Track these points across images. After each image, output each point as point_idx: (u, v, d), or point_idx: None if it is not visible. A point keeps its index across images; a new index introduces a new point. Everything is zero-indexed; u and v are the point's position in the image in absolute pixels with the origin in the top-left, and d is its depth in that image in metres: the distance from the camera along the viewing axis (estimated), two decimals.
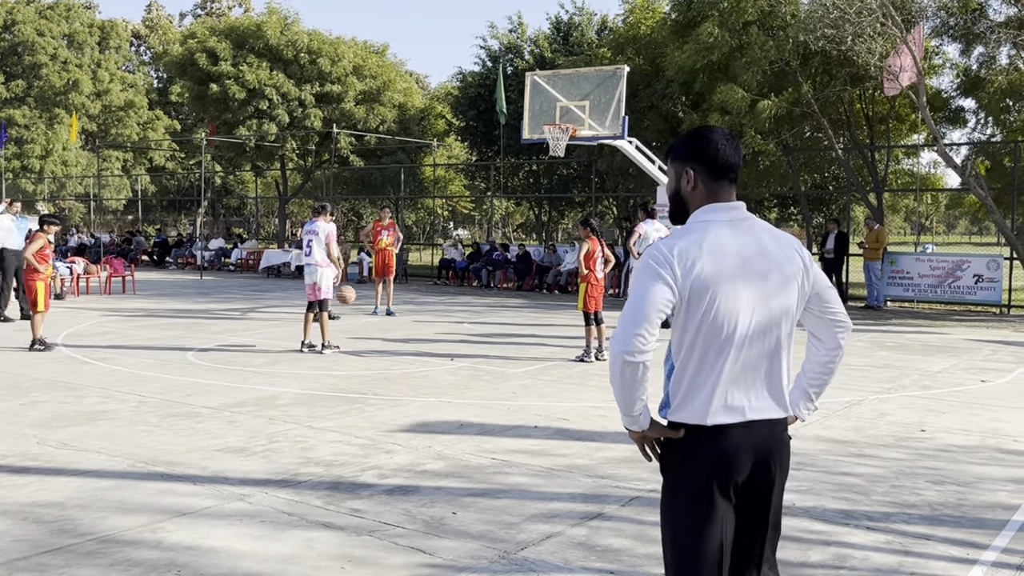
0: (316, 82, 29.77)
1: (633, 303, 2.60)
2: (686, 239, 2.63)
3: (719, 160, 2.70)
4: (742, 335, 2.61)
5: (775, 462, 2.68)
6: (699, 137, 2.75)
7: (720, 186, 2.72)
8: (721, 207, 2.70)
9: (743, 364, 2.63)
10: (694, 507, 2.62)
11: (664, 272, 2.58)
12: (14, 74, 43.60)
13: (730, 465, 2.61)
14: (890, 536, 4.84)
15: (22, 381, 9.04)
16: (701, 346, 2.61)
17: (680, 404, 2.66)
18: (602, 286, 10.88)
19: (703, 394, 2.62)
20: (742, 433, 2.62)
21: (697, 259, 2.58)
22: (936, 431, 7.31)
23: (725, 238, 2.64)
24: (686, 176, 2.74)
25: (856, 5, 16.04)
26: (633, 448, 6.61)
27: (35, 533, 4.73)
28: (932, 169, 24.08)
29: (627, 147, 16.61)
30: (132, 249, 31.85)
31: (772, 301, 2.65)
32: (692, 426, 2.63)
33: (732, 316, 2.59)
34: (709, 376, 2.62)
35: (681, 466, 2.66)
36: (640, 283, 2.61)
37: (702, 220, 2.69)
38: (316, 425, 7.27)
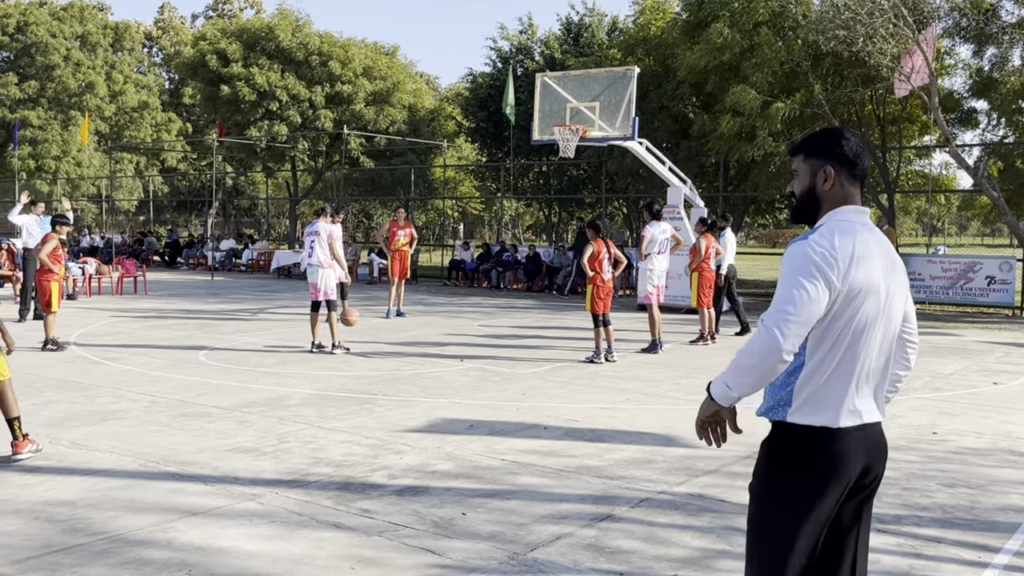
0: (326, 83, 29.86)
1: (799, 301, 2.52)
2: (842, 239, 2.59)
3: (859, 162, 2.71)
4: (874, 340, 2.63)
5: (882, 463, 2.71)
6: (839, 136, 2.74)
7: (856, 188, 2.73)
8: (857, 209, 2.70)
9: (871, 369, 2.65)
10: (802, 510, 2.59)
11: (828, 271, 2.55)
12: (28, 75, 43.86)
13: (848, 468, 2.61)
14: (901, 539, 4.82)
15: (35, 381, 9.09)
16: (841, 348, 2.60)
17: (807, 405, 2.61)
18: (610, 288, 10.87)
19: (834, 397, 2.60)
20: (859, 436, 2.63)
21: (853, 260, 2.57)
22: (948, 433, 7.28)
23: (870, 241, 2.64)
24: (823, 174, 2.71)
25: (868, 6, 15.98)
26: (644, 449, 6.60)
27: (47, 532, 4.76)
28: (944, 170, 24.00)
29: (637, 148, 16.60)
30: (144, 250, 31.99)
31: (895, 308, 2.69)
32: (817, 428, 2.60)
33: (871, 321, 2.61)
34: (842, 379, 2.60)
35: (798, 468, 2.62)
36: (802, 282, 2.54)
37: (847, 220, 2.66)
38: (326, 425, 7.28)
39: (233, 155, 33.96)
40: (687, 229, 17.07)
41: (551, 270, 22.81)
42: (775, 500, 2.66)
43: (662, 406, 8.31)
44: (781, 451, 2.67)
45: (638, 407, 8.24)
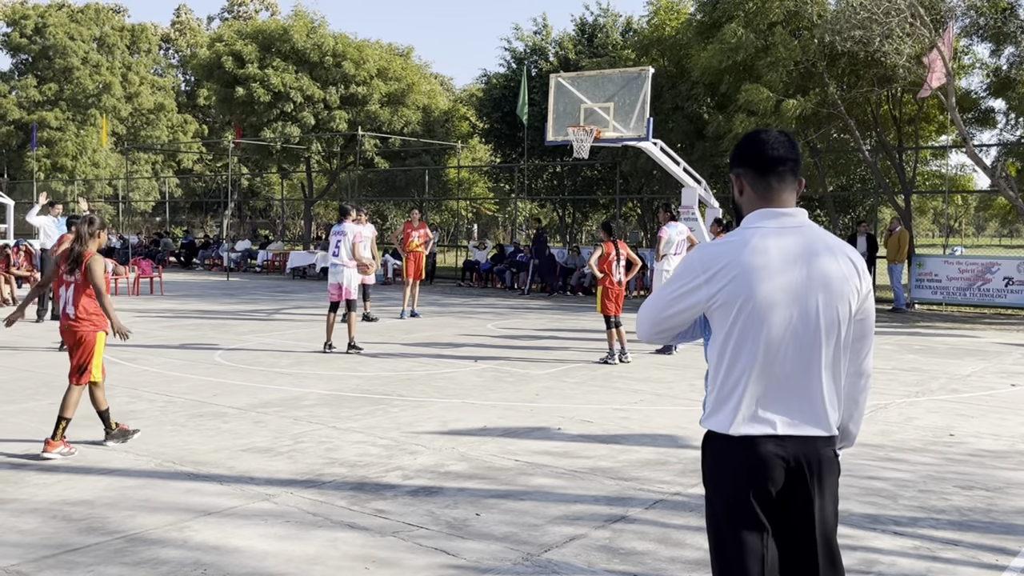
0: (341, 84, 29.95)
1: (656, 301, 2.69)
2: (725, 247, 2.58)
3: (764, 161, 2.61)
4: (777, 348, 2.52)
5: (812, 477, 2.54)
6: (744, 141, 2.68)
7: (768, 186, 2.61)
8: (770, 212, 2.60)
9: (780, 377, 2.54)
10: (730, 516, 2.58)
11: (694, 280, 2.57)
12: (46, 77, 44.24)
13: (759, 476, 2.52)
14: (917, 541, 4.79)
15: (52, 381, 9.16)
16: (736, 355, 2.56)
17: (713, 411, 2.63)
18: (620, 289, 10.84)
19: (733, 404, 2.56)
20: (772, 445, 2.53)
21: (730, 269, 2.51)
22: (965, 436, 7.22)
23: (771, 247, 2.53)
24: (734, 182, 2.70)
25: (884, 5, 15.89)
26: (658, 451, 6.59)
27: (64, 531, 4.79)
28: (961, 171, 23.79)
29: (652, 149, 16.55)
30: (160, 250, 32.18)
31: (813, 315, 2.52)
32: (722, 435, 2.59)
33: (765, 328, 2.51)
34: (740, 386, 2.55)
35: (714, 474, 2.64)
36: (677, 283, 2.63)
37: (750, 226, 2.61)
38: (341, 426, 7.30)
39: (248, 156, 34.12)
40: (702, 230, 17.00)
41: (565, 271, 22.79)
42: (708, 507, 2.68)
43: (676, 407, 8.29)
44: (703, 455, 2.70)
45: (652, 408, 8.22)
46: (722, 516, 2.60)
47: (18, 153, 42.22)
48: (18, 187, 39.78)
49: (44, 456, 6.17)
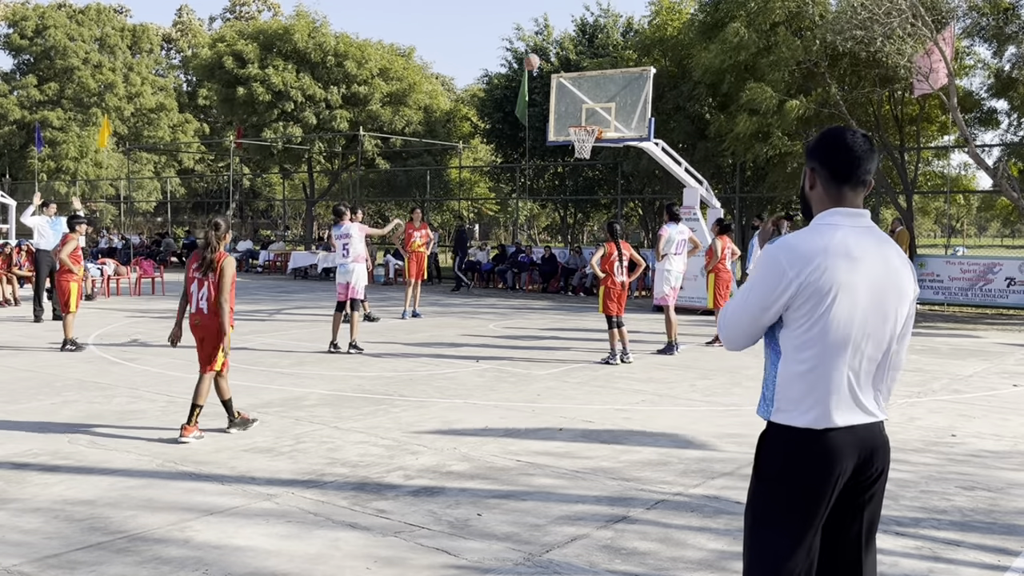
0: (343, 84, 29.96)
1: (742, 302, 2.66)
2: (812, 240, 2.61)
3: (842, 164, 2.65)
4: (857, 341, 2.59)
5: (879, 461, 2.67)
6: (825, 139, 2.70)
7: (842, 191, 2.67)
8: (846, 212, 2.66)
9: (856, 370, 2.62)
10: (792, 510, 2.59)
11: (783, 273, 2.57)
12: (47, 77, 44.26)
13: (834, 468, 2.58)
14: (920, 542, 4.79)
15: (54, 381, 9.17)
16: (816, 348, 2.58)
17: (787, 405, 2.62)
18: (622, 289, 10.83)
19: (814, 398, 2.59)
20: (847, 436, 2.60)
21: (820, 261, 2.56)
22: (967, 436, 7.22)
23: (851, 242, 2.60)
24: (807, 175, 2.73)
25: (885, 6, 15.88)
26: (659, 451, 6.59)
27: (66, 531, 4.80)
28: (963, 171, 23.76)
29: (653, 149, 16.56)
30: (161, 251, 32.20)
31: (887, 310, 2.63)
32: (799, 429, 2.60)
33: (848, 322, 2.57)
34: (821, 380, 2.59)
35: (782, 470, 2.62)
36: (754, 283, 2.63)
37: (828, 223, 2.65)
38: (342, 426, 7.31)
39: (250, 156, 34.13)
40: (703, 230, 17.02)
41: (566, 271, 22.80)
42: (763, 501, 2.67)
43: (678, 408, 8.29)
44: (767, 451, 2.68)
45: (654, 409, 8.22)
46: (784, 510, 2.60)
47: (20, 153, 42.25)
48: (20, 187, 39.78)
49: (181, 440, 6.65)
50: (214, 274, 6.84)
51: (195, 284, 6.94)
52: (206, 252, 6.93)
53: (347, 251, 11.68)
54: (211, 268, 6.85)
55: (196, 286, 6.93)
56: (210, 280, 6.86)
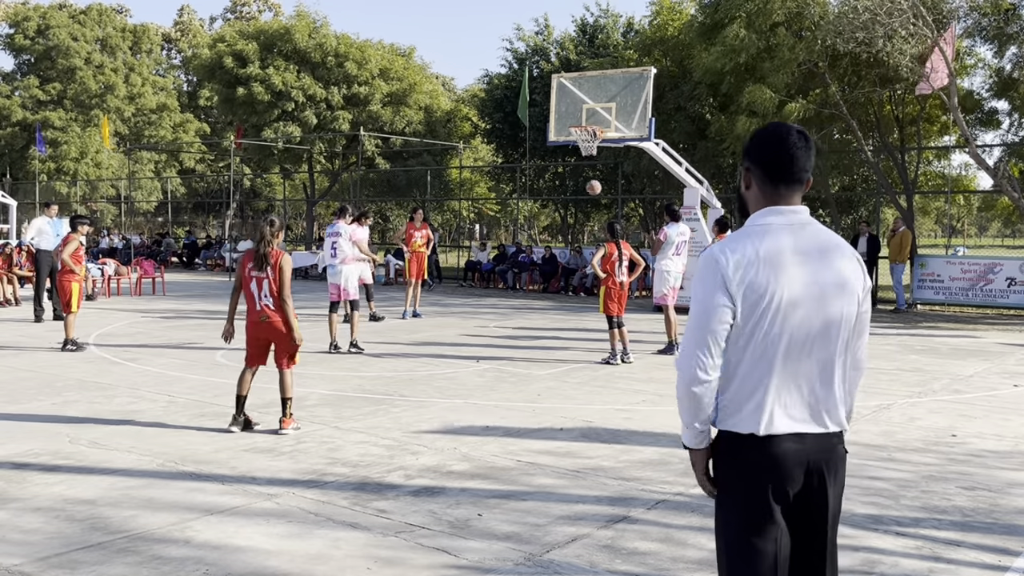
0: (343, 84, 29.97)
1: (699, 319, 2.54)
2: (743, 243, 2.54)
3: (775, 163, 2.58)
4: (795, 345, 2.52)
5: (829, 474, 2.56)
6: (759, 137, 2.64)
7: (777, 189, 2.60)
8: (778, 210, 2.59)
9: (798, 375, 2.54)
10: (746, 518, 2.55)
11: (724, 279, 2.50)
12: (49, 78, 44.28)
13: (781, 475, 2.51)
14: (920, 542, 4.79)
15: (54, 381, 9.17)
16: (754, 353, 2.52)
17: (729, 411, 2.57)
18: (623, 290, 10.82)
19: (753, 403, 2.53)
20: (793, 443, 2.53)
21: (753, 265, 2.49)
22: (967, 436, 7.22)
23: (784, 244, 2.53)
24: (743, 175, 2.68)
25: (887, 6, 15.88)
26: (660, 451, 6.59)
27: (67, 530, 4.80)
28: (964, 171, 23.76)
29: (654, 149, 16.56)
30: (162, 251, 32.21)
31: (829, 311, 2.54)
32: (742, 435, 2.55)
33: (786, 326, 2.50)
34: (759, 385, 2.53)
35: (730, 477, 2.59)
36: (701, 295, 2.55)
37: (760, 223, 2.59)
38: (343, 426, 7.31)
39: (250, 156, 34.13)
40: (704, 230, 17.02)
41: (567, 271, 22.80)
42: (721, 509, 2.64)
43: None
44: (717, 458, 2.64)
45: (654, 409, 8.22)
46: (738, 519, 2.56)
47: (21, 154, 42.26)
48: (21, 188, 39.82)
49: (281, 432, 6.92)
50: (272, 270, 6.92)
51: (254, 283, 7.00)
52: (260, 247, 7.00)
53: (335, 251, 11.71)
54: (267, 262, 6.93)
55: (256, 285, 7.00)
56: (269, 277, 6.93)
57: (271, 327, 6.99)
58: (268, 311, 6.97)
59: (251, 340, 7.10)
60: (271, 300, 6.96)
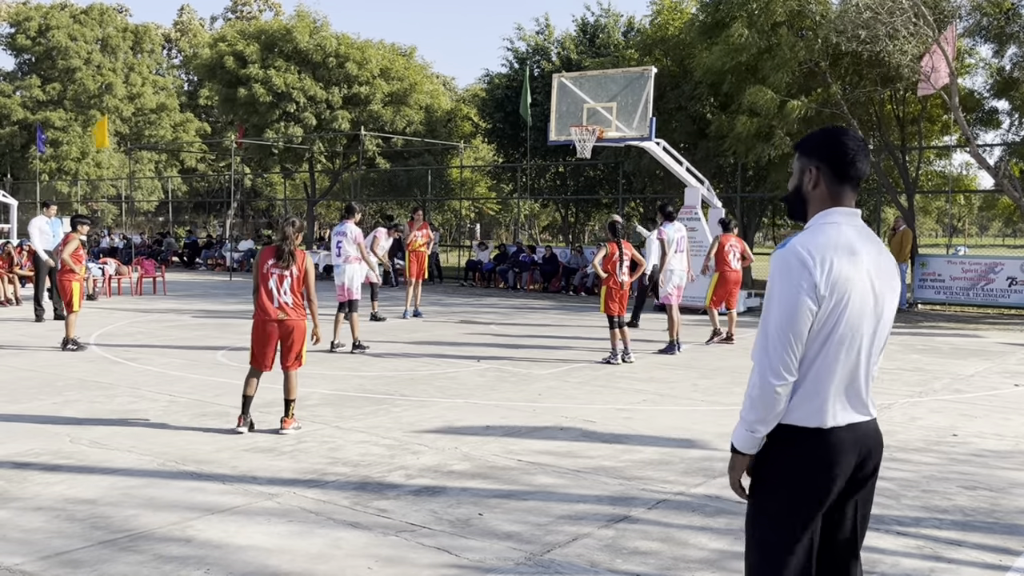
0: (344, 84, 29.97)
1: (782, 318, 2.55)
2: (826, 239, 2.60)
3: (848, 165, 2.67)
4: (864, 339, 2.62)
5: (877, 456, 2.71)
6: (831, 137, 2.71)
7: (843, 189, 2.69)
8: (845, 211, 2.68)
9: (860, 367, 2.65)
10: (797, 510, 2.61)
11: (810, 275, 2.54)
12: (49, 78, 44.30)
13: (839, 465, 2.60)
14: (921, 541, 4.78)
15: (55, 380, 9.18)
16: (829, 347, 2.59)
17: (797, 405, 2.61)
18: (624, 289, 10.81)
19: (823, 396, 2.60)
20: (849, 433, 2.62)
21: (835, 260, 2.56)
22: (968, 436, 7.22)
23: (856, 242, 2.63)
24: (809, 174, 2.72)
25: (888, 5, 15.88)
26: (661, 451, 6.59)
27: (68, 530, 4.80)
28: (965, 171, 23.76)
29: (654, 149, 16.56)
30: (163, 250, 32.20)
31: (885, 310, 2.68)
32: (806, 429, 2.61)
33: (858, 320, 2.60)
34: (830, 378, 2.60)
35: (787, 470, 2.62)
36: (785, 293, 2.57)
37: (830, 222, 2.66)
38: (343, 426, 7.31)
39: (251, 156, 34.14)
40: (704, 230, 17.02)
41: (567, 271, 22.80)
42: (768, 505, 2.67)
43: (680, 407, 8.29)
44: (771, 452, 2.66)
45: (655, 408, 8.22)
46: (788, 511, 2.61)
47: (22, 153, 42.28)
48: (22, 187, 39.83)
49: (282, 431, 6.94)
50: (299, 269, 6.96)
51: (274, 279, 6.97)
52: (284, 245, 7.00)
53: (339, 250, 11.72)
54: (292, 259, 6.95)
55: (276, 281, 6.97)
56: (292, 275, 6.94)
57: (286, 326, 6.99)
58: (287, 308, 6.98)
59: (263, 341, 7.06)
60: (291, 298, 6.96)
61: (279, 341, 7.06)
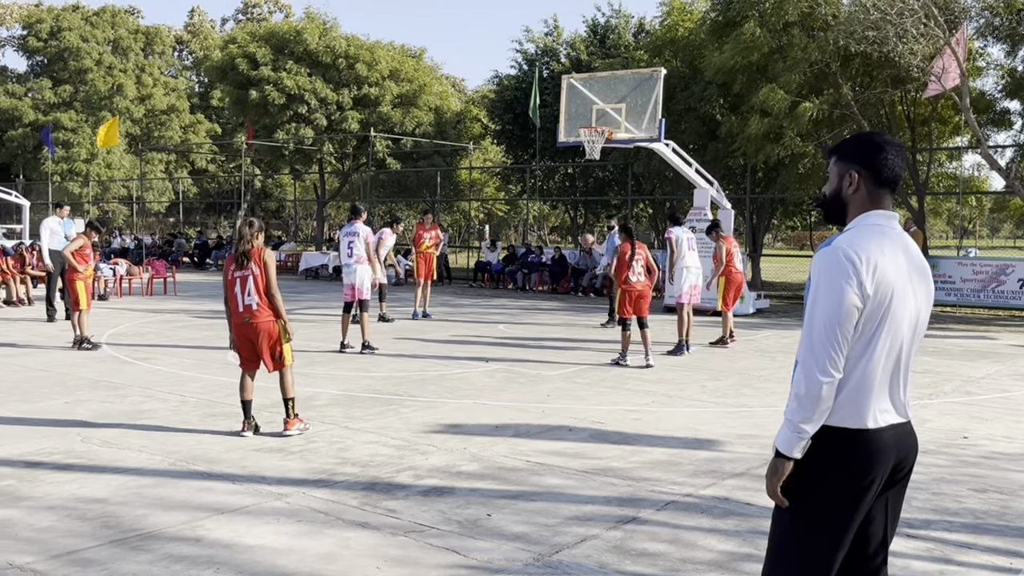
0: (353, 86, 30.03)
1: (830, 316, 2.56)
2: (868, 241, 2.62)
3: (887, 169, 2.71)
4: (903, 341, 2.65)
5: (913, 456, 2.75)
6: (870, 142, 2.75)
7: (882, 193, 2.73)
8: (885, 215, 2.72)
9: (900, 369, 2.68)
10: (838, 510, 2.61)
11: (857, 275, 2.56)
12: (61, 79, 44.52)
13: (882, 466, 2.62)
14: (931, 544, 4.77)
15: (66, 380, 9.22)
16: (872, 349, 2.61)
17: (839, 406, 2.62)
18: (638, 290, 10.75)
19: (867, 398, 2.61)
20: (891, 435, 2.65)
21: (879, 262, 2.59)
22: (979, 438, 7.18)
23: (896, 244, 2.67)
24: (849, 178, 2.75)
25: (898, 6, 15.82)
26: (669, 452, 6.58)
27: (79, 528, 4.83)
28: (976, 172, 23.66)
29: (664, 150, 16.54)
30: (173, 251, 32.32)
31: (922, 311, 2.72)
32: (849, 430, 2.61)
33: (899, 322, 2.63)
34: (874, 380, 2.62)
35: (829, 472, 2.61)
36: (832, 291, 2.58)
37: (875, 223, 2.69)
38: (352, 426, 7.33)
39: (261, 157, 34.24)
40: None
41: (576, 272, 22.80)
42: (807, 505, 2.65)
43: (688, 409, 8.28)
44: (814, 454, 2.64)
45: (664, 409, 8.21)
46: (829, 513, 2.61)
47: (34, 155, 42.50)
48: (34, 188, 40.04)
49: (286, 433, 6.88)
50: (257, 266, 6.84)
51: (238, 284, 6.88)
52: (240, 246, 6.91)
53: (351, 250, 11.73)
54: (248, 259, 6.85)
55: (240, 285, 6.87)
56: (253, 274, 6.84)
57: (254, 328, 6.84)
58: (251, 311, 6.84)
59: (240, 343, 6.99)
60: (255, 299, 6.81)
61: (252, 343, 6.92)
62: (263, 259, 6.87)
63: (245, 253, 6.87)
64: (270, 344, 6.89)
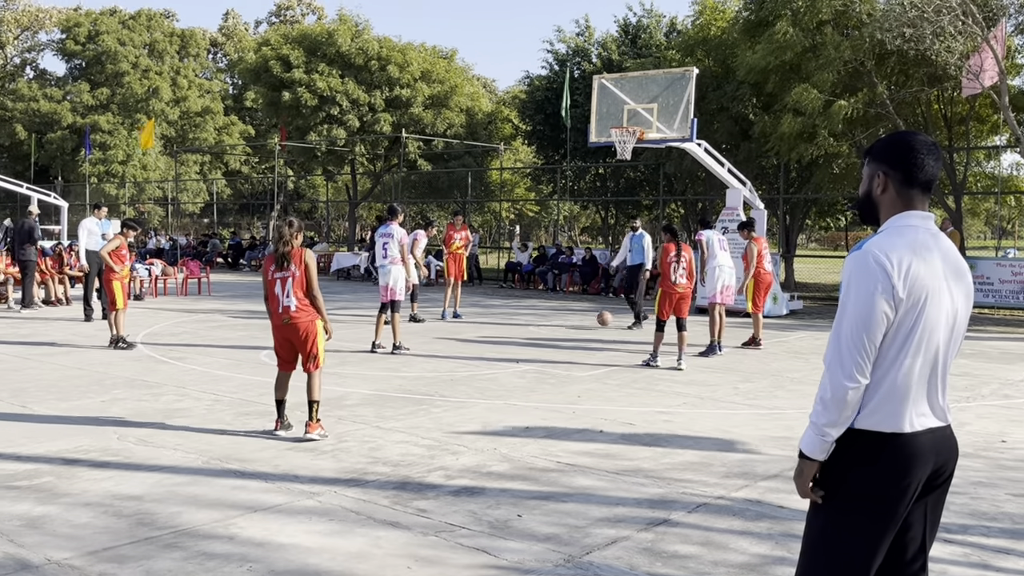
0: (385, 87, 30.18)
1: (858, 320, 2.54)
2: (901, 243, 2.59)
3: (917, 170, 2.66)
4: (940, 343, 2.62)
5: (953, 462, 2.71)
6: (900, 143, 2.71)
7: (913, 194, 2.69)
8: (919, 215, 2.68)
9: (937, 371, 2.65)
10: (874, 515, 2.58)
11: (888, 279, 2.53)
12: (98, 82, 45.20)
13: (918, 470, 2.58)
14: (968, 549, 4.69)
15: (103, 379, 9.36)
16: (907, 352, 2.58)
17: (875, 410, 2.59)
18: (680, 292, 10.66)
19: (902, 401, 2.58)
20: (929, 439, 2.61)
21: (912, 264, 2.56)
22: (1017, 442, 7.06)
23: (931, 245, 2.63)
24: (878, 179, 2.72)
25: (935, 3, 15.60)
26: (701, 454, 6.54)
27: (115, 525, 4.89)
28: (1015, 171, 23.26)
29: (696, 150, 16.44)
30: (207, 251, 32.68)
31: (960, 312, 2.68)
32: (884, 434, 2.58)
33: (935, 324, 2.60)
34: (910, 383, 2.59)
35: (863, 476, 2.59)
36: (862, 296, 2.55)
37: (908, 224, 2.65)
38: (384, 426, 7.36)
39: (294, 159, 34.51)
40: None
41: (607, 272, 22.73)
42: (844, 509, 2.62)
43: (720, 410, 8.22)
44: (850, 457, 2.61)
45: (695, 411, 8.16)
46: (865, 518, 2.58)
47: (72, 157, 43.19)
48: (72, 190, 40.69)
49: (307, 437, 6.78)
50: (298, 268, 6.88)
51: (278, 284, 6.93)
52: (280, 247, 6.95)
53: (385, 251, 11.78)
54: (288, 260, 6.89)
55: (280, 286, 6.92)
56: (293, 275, 6.88)
57: (293, 329, 6.91)
58: (290, 312, 6.89)
59: (279, 343, 7.08)
60: (294, 300, 6.86)
61: (291, 343, 7.00)
62: (304, 260, 6.92)
63: (285, 255, 6.91)
64: (308, 344, 6.94)
